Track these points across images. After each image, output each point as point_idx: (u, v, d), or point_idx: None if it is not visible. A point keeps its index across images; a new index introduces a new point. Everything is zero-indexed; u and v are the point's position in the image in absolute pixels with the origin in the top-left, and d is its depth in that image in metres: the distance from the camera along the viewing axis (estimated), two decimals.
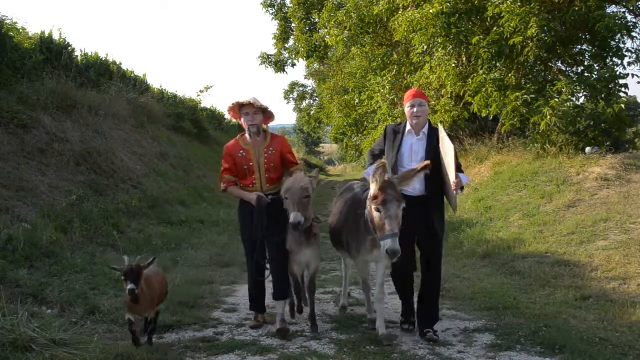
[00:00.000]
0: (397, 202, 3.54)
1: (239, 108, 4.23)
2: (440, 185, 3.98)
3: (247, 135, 4.25)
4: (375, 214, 3.57)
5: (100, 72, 12.05)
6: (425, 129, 4.04)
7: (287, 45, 25.68)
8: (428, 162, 3.74)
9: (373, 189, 3.64)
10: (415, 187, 3.90)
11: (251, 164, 4.19)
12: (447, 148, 3.86)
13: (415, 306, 4.24)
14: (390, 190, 3.56)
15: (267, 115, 4.33)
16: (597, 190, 8.23)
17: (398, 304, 4.48)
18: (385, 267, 4.11)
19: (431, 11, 11.21)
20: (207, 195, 11.62)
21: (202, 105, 18.89)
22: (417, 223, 3.89)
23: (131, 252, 6.55)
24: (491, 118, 11.76)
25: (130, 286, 3.33)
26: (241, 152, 4.23)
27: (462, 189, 3.86)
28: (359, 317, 4.60)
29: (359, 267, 4.24)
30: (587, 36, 10.99)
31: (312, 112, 34.08)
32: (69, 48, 10.64)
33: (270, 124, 4.64)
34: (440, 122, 11.30)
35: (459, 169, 3.91)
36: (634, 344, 3.72)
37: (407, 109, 4.05)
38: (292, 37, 25.09)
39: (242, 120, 4.23)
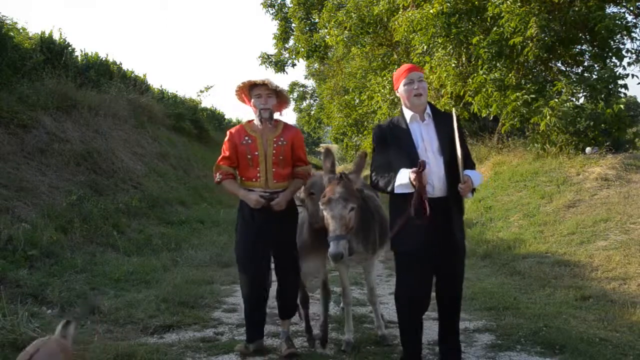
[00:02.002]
0: (344, 201, 3.10)
1: (250, 88, 3.59)
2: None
3: (255, 121, 3.62)
4: (323, 214, 3.20)
5: (100, 72, 12.08)
6: (429, 110, 3.25)
7: (287, 45, 25.67)
8: (365, 150, 3.36)
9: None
10: (434, 185, 3.09)
11: (256, 153, 3.54)
12: (459, 139, 3.11)
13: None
14: (339, 188, 3.14)
15: (282, 99, 3.70)
16: (597, 190, 8.23)
17: None
18: (373, 271, 3.96)
19: (431, 11, 11.23)
20: (207, 195, 11.64)
21: (202, 105, 18.97)
22: (436, 233, 3.03)
23: (131, 252, 6.59)
24: (491, 118, 11.77)
25: None
26: (246, 138, 3.57)
27: (473, 191, 3.12)
28: (359, 317, 4.59)
29: (339, 271, 3.89)
30: (587, 36, 11.00)
31: (312, 112, 34.10)
32: (69, 48, 10.66)
33: None
34: None
35: (470, 165, 3.24)
36: (634, 344, 3.71)
37: (403, 88, 3.19)
38: (292, 37, 25.08)
39: (252, 102, 3.59)
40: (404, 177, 3.00)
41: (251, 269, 3.56)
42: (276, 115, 3.71)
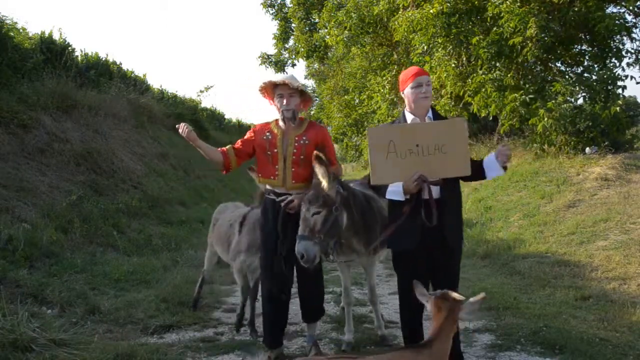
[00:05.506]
0: (308, 203, 3.18)
1: (273, 88, 3.55)
2: (456, 185, 3.30)
3: (280, 121, 3.57)
4: None
5: (100, 72, 12.08)
6: (430, 114, 3.24)
7: (287, 45, 25.70)
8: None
9: None
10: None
11: (275, 150, 3.49)
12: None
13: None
14: (311, 191, 3.24)
15: (305, 98, 3.65)
16: (597, 190, 8.23)
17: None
18: (374, 271, 3.97)
19: (431, 11, 11.23)
20: (207, 195, 11.64)
21: (202, 105, 18.99)
22: (428, 235, 3.06)
23: (131, 252, 6.59)
24: (490, 118, 11.77)
25: None
26: (267, 133, 3.55)
27: (505, 169, 3.15)
28: (359, 317, 4.60)
29: (340, 271, 4.01)
30: (587, 36, 11.00)
31: (312, 112, 34.08)
32: (69, 48, 10.65)
33: None
34: None
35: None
36: (634, 344, 3.71)
37: (409, 91, 3.19)
38: (292, 37, 25.10)
39: (275, 102, 3.55)
40: (397, 185, 3.07)
41: (271, 267, 3.49)
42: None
